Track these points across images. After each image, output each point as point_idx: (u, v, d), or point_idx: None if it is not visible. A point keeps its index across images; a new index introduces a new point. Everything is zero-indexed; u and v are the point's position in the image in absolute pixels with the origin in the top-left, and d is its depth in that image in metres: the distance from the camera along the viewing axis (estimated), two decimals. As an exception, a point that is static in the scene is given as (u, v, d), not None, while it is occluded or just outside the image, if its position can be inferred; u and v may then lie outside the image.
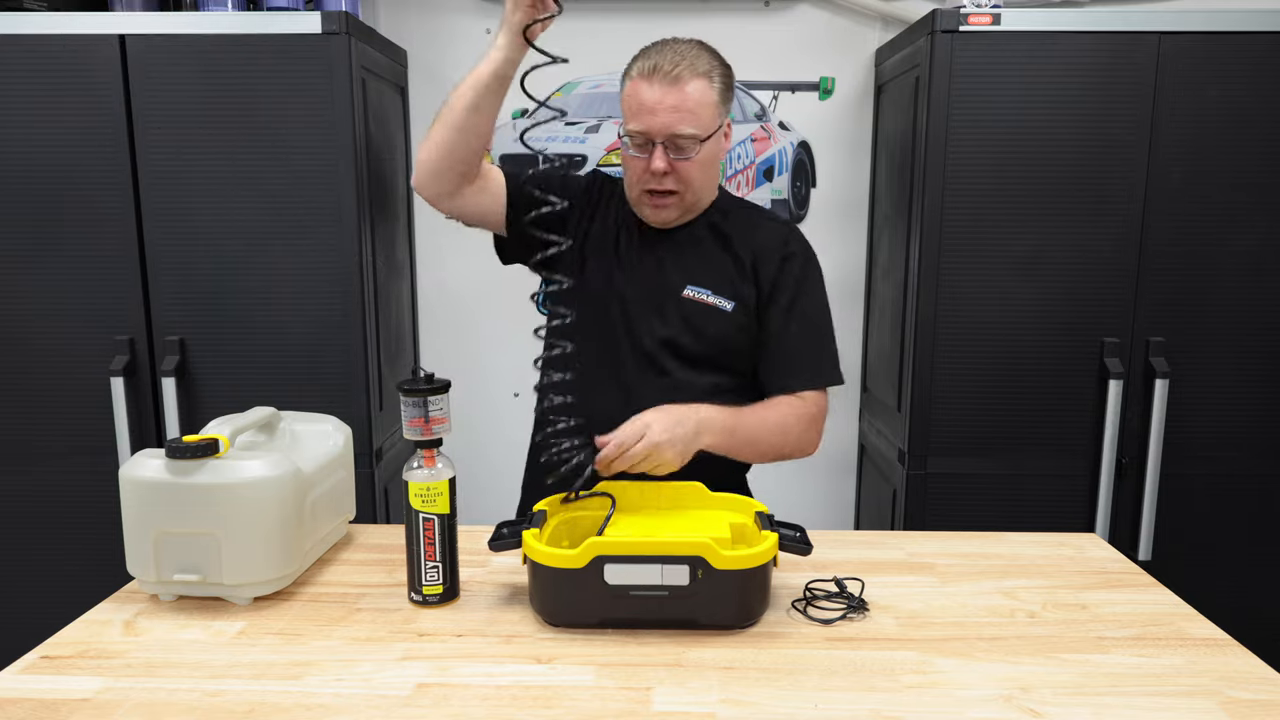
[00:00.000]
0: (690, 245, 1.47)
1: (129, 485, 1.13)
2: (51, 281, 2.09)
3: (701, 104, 1.36)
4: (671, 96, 1.34)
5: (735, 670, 1.00)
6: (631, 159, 1.40)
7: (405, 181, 2.55)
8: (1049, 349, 2.12)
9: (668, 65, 1.35)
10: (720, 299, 1.43)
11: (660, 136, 1.36)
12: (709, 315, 1.43)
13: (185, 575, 1.13)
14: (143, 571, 1.15)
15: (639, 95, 1.36)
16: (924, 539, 1.40)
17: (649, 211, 1.43)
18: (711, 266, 1.45)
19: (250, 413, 1.26)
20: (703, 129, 1.37)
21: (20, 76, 2.02)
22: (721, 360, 1.45)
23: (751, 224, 1.49)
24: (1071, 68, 2.02)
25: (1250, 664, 1.02)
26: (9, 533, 2.19)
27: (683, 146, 1.37)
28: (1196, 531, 2.18)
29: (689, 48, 1.39)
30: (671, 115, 1.35)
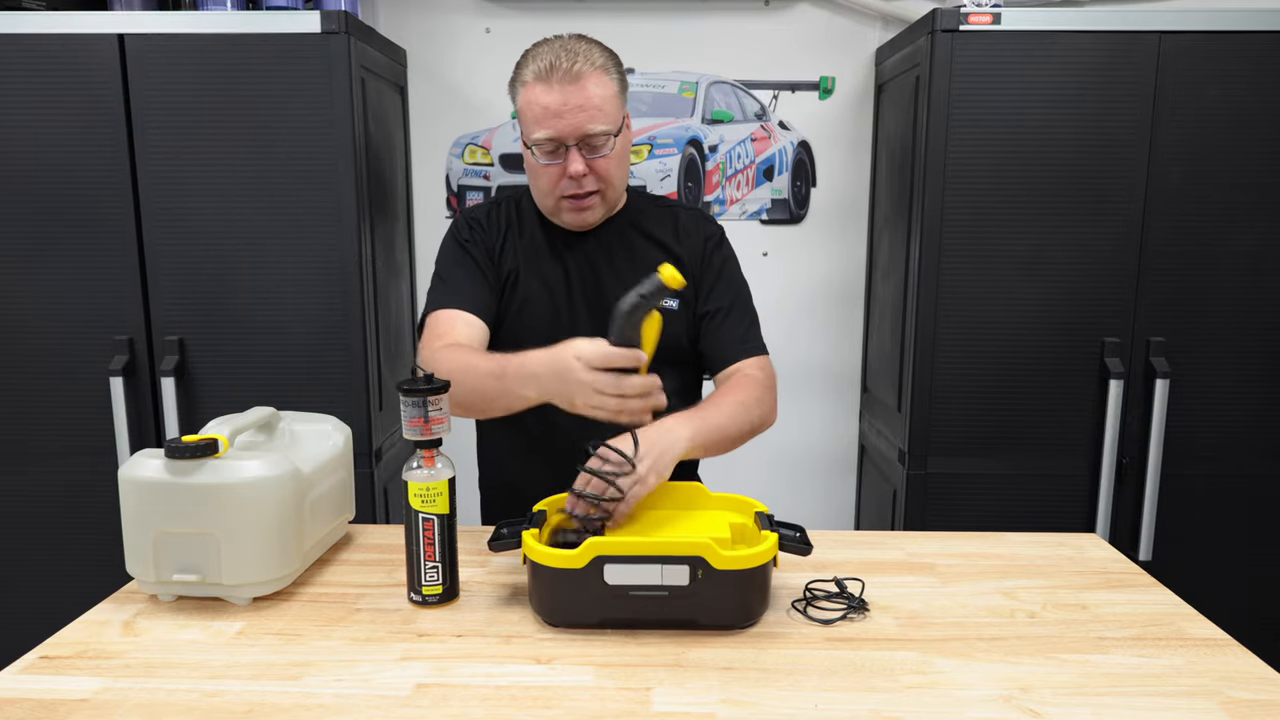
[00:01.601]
0: (620, 248, 1.45)
1: (128, 485, 1.13)
2: (51, 281, 2.09)
3: (606, 99, 1.33)
4: (575, 96, 1.30)
5: (735, 670, 1.00)
6: (542, 168, 1.36)
7: (405, 181, 2.55)
8: (1049, 349, 2.12)
9: (565, 63, 1.30)
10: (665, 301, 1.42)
11: (572, 139, 1.32)
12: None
13: (184, 575, 1.13)
14: (142, 571, 1.15)
15: (540, 100, 1.31)
16: (924, 539, 1.40)
17: (570, 217, 1.40)
18: (649, 267, 1.40)
19: (249, 413, 1.26)
20: (613, 124, 1.34)
21: (20, 76, 2.02)
22: (675, 360, 1.45)
23: (669, 216, 1.50)
24: (1071, 67, 2.02)
25: (1250, 664, 1.02)
26: (8, 533, 2.19)
27: (596, 145, 1.34)
28: (1196, 531, 2.18)
29: (576, 42, 1.35)
30: (579, 115, 1.31)
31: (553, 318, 1.44)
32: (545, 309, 1.44)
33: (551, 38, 1.37)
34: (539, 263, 1.46)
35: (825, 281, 2.63)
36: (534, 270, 1.45)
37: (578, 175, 1.34)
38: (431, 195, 2.61)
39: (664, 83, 2.53)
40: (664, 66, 2.52)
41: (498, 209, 1.50)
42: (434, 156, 2.59)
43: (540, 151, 1.34)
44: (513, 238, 1.47)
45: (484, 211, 1.50)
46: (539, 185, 1.39)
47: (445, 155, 2.59)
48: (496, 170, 2.58)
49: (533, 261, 1.46)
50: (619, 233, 1.46)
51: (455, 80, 2.56)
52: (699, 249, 1.47)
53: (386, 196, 2.34)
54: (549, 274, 1.45)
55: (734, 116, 2.55)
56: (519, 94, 1.36)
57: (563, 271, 1.45)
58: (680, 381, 1.49)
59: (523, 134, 1.37)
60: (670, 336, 1.41)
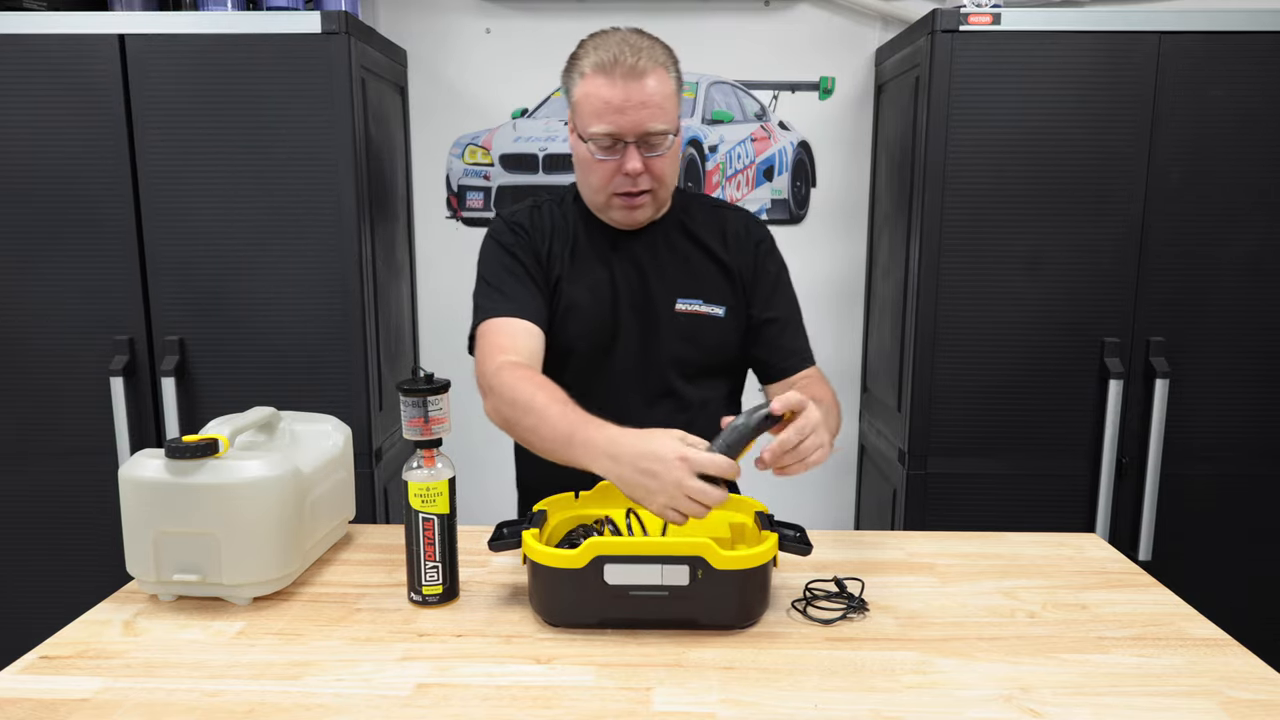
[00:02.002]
0: (667, 251, 1.42)
1: (129, 485, 1.13)
2: (51, 282, 2.09)
3: (667, 96, 1.30)
4: (638, 92, 1.26)
5: (735, 670, 1.00)
6: (597, 163, 1.31)
7: (405, 181, 2.55)
8: (1049, 349, 2.12)
9: (629, 58, 1.26)
10: (712, 307, 1.41)
11: (632, 136, 1.28)
12: (705, 326, 1.40)
13: (185, 575, 1.13)
14: (142, 571, 1.15)
15: (600, 94, 1.27)
16: (924, 539, 1.40)
17: (620, 215, 1.37)
18: (696, 273, 1.42)
19: (250, 413, 1.26)
20: (672, 123, 1.31)
21: (20, 76, 2.02)
22: (719, 368, 1.44)
23: (716, 218, 1.47)
24: (1071, 68, 2.02)
25: (1250, 664, 1.02)
26: (8, 533, 2.19)
27: (655, 144, 1.30)
28: (1196, 531, 2.18)
29: (637, 37, 1.31)
30: (641, 112, 1.27)
31: (598, 321, 1.40)
32: (590, 313, 1.40)
33: (611, 30, 1.33)
34: (584, 265, 1.41)
35: (825, 281, 2.63)
36: (579, 273, 1.41)
37: (634, 173, 1.30)
38: (431, 195, 2.61)
39: (664, 83, 2.53)
40: (664, 66, 2.52)
41: (538, 211, 1.45)
42: (434, 156, 2.59)
43: (597, 146, 1.30)
44: (559, 241, 1.42)
45: (525, 215, 1.44)
46: (591, 180, 1.35)
47: (445, 155, 2.59)
48: (496, 170, 2.58)
49: (577, 264, 1.42)
50: (665, 234, 1.43)
51: (455, 80, 2.56)
52: (750, 254, 1.44)
53: (386, 196, 2.34)
54: (594, 276, 1.41)
55: (734, 117, 2.55)
56: (576, 84, 1.31)
57: (608, 274, 1.41)
58: (727, 388, 1.48)
59: (576, 125, 1.33)
60: (718, 344, 1.42)
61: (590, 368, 1.41)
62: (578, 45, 1.35)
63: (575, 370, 1.41)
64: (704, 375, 1.43)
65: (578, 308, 1.40)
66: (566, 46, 1.29)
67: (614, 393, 1.40)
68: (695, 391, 1.42)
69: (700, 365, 1.42)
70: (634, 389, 1.41)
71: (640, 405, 1.40)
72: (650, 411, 1.40)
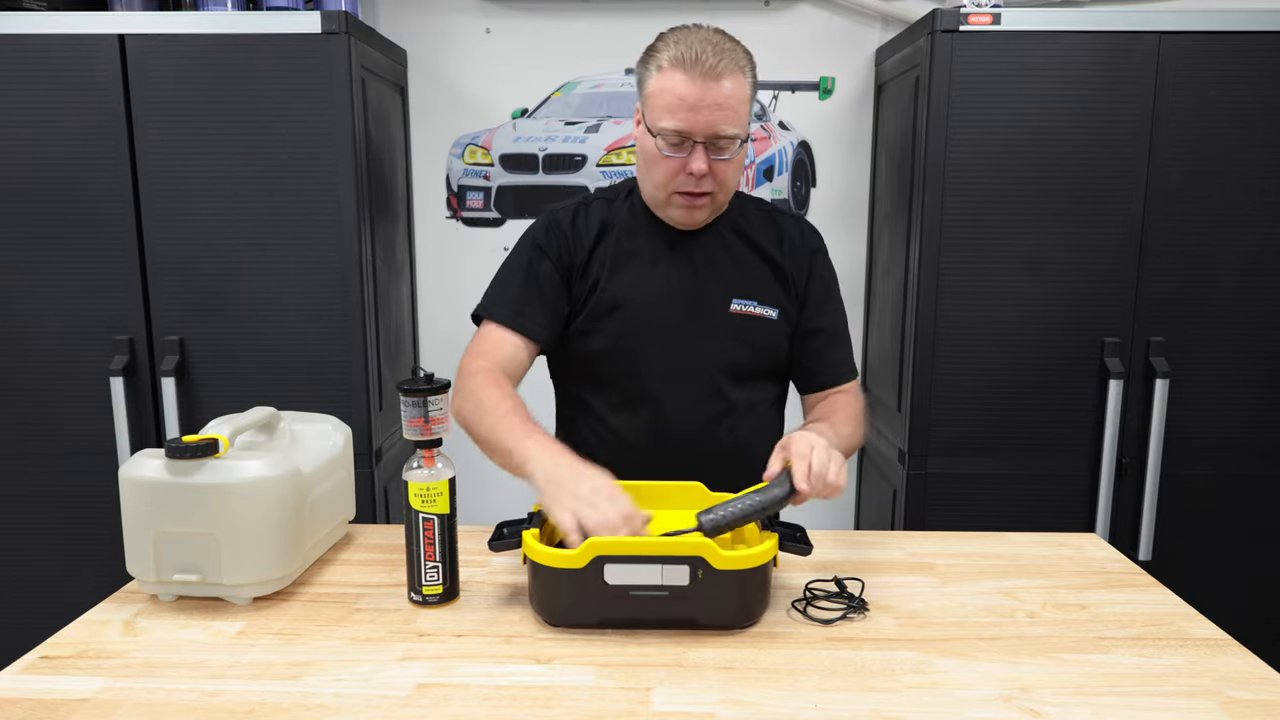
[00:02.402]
0: (722, 251, 1.41)
1: (129, 485, 1.13)
2: (51, 281, 2.09)
3: (742, 101, 1.28)
4: (714, 93, 1.24)
5: (735, 670, 1.00)
6: (663, 159, 1.30)
7: (405, 181, 2.55)
8: (1049, 349, 2.12)
9: (710, 58, 1.24)
10: (766, 309, 1.40)
11: (702, 136, 1.26)
12: (758, 327, 1.40)
13: (185, 575, 1.13)
14: (142, 571, 1.15)
15: (676, 90, 1.25)
16: (924, 539, 1.40)
17: (679, 213, 1.36)
18: (750, 275, 1.41)
19: (250, 413, 1.26)
20: (743, 129, 1.30)
21: (20, 76, 2.02)
22: (768, 371, 1.44)
23: (771, 222, 1.46)
24: (1071, 67, 2.02)
25: (1250, 664, 1.02)
26: (8, 533, 2.19)
27: (723, 147, 1.28)
28: (1196, 531, 2.18)
29: (723, 38, 1.30)
30: (715, 114, 1.25)
31: (648, 318, 1.39)
32: (640, 310, 1.39)
33: (692, 26, 1.31)
34: (635, 263, 1.40)
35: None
36: (629, 271, 1.40)
37: (699, 174, 1.28)
38: (431, 195, 2.61)
39: (664, 83, 2.53)
40: (664, 66, 2.52)
41: (585, 211, 1.43)
42: (434, 156, 2.59)
43: (665, 142, 1.28)
44: (606, 242, 1.41)
45: (568, 215, 1.42)
46: (654, 175, 1.33)
47: (445, 155, 2.59)
48: (496, 170, 2.58)
49: (628, 262, 1.40)
50: (721, 235, 1.42)
51: (455, 80, 2.56)
52: (804, 260, 1.43)
53: (386, 196, 2.34)
54: (646, 274, 1.40)
55: (734, 116, 2.55)
56: (651, 77, 1.29)
57: (662, 272, 1.40)
58: (775, 391, 1.48)
59: (646, 118, 1.31)
60: (770, 346, 1.42)
61: (639, 365, 1.40)
62: (656, 38, 1.33)
63: (623, 367, 1.40)
64: (754, 377, 1.43)
65: (628, 304, 1.39)
66: (567, 46, 1.29)
67: (663, 391, 1.40)
68: (743, 394, 1.42)
69: (751, 367, 1.42)
70: (684, 388, 1.40)
71: (689, 404, 1.39)
72: (697, 411, 1.40)
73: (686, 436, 1.40)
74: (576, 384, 1.46)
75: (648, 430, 1.41)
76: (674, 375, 1.40)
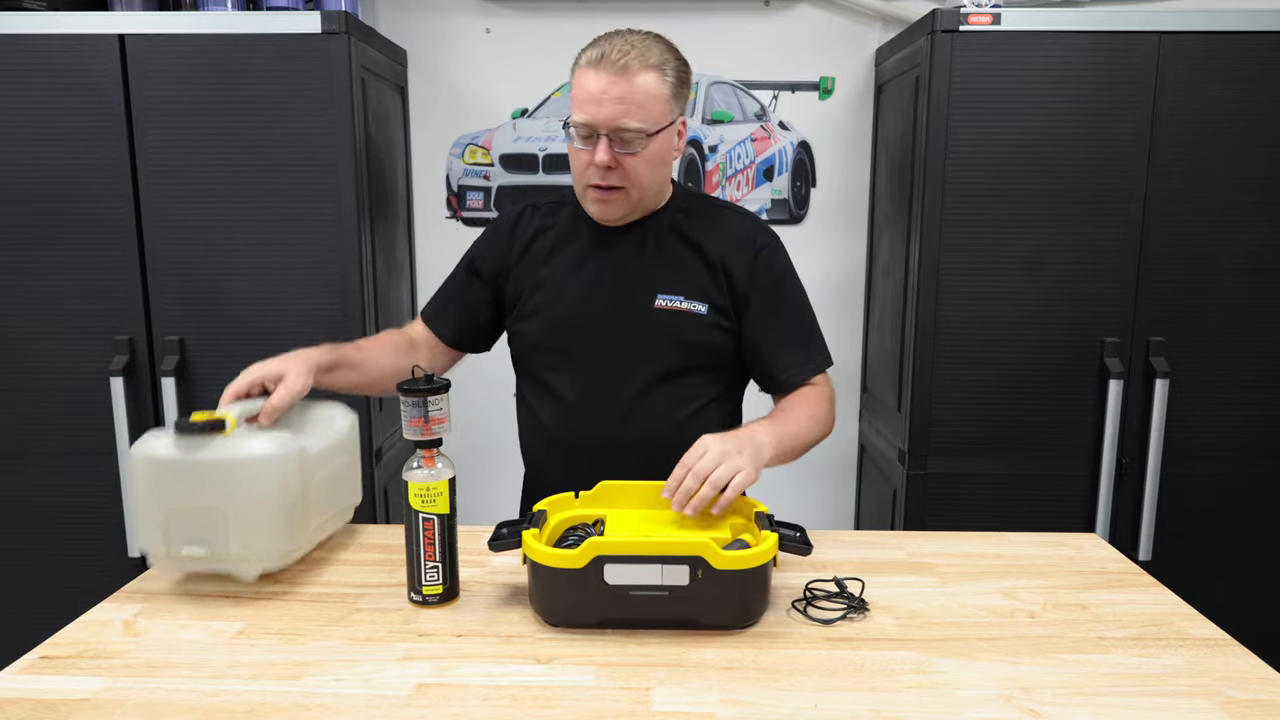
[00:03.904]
0: (654, 249, 1.43)
1: (140, 463, 1.16)
2: (51, 281, 2.09)
3: (651, 96, 1.31)
4: (618, 87, 1.29)
5: (735, 670, 1.00)
6: (576, 151, 1.35)
7: (405, 181, 2.55)
8: (1049, 349, 2.12)
9: (615, 55, 1.29)
10: (693, 303, 1.40)
11: (605, 128, 1.30)
12: (684, 322, 1.40)
13: (193, 549, 1.15)
14: (152, 547, 1.17)
15: (584, 84, 1.31)
16: (924, 539, 1.40)
17: (595, 208, 1.39)
18: (679, 270, 1.42)
19: (258, 399, 1.27)
20: (650, 123, 1.32)
21: (20, 76, 2.02)
22: (703, 366, 1.44)
23: (715, 222, 1.46)
24: (1071, 67, 2.02)
25: (1250, 664, 1.02)
26: (8, 532, 2.19)
27: (628, 140, 1.31)
28: (1196, 531, 2.18)
29: (641, 38, 1.34)
30: (616, 107, 1.29)
31: (572, 317, 1.43)
32: (565, 309, 1.43)
33: (624, 30, 1.36)
34: (567, 263, 1.45)
35: (825, 282, 2.62)
36: (560, 271, 1.45)
37: (601, 165, 1.32)
38: (431, 195, 2.61)
39: (664, 83, 2.53)
40: (664, 66, 2.52)
41: (529, 214, 1.50)
42: (434, 156, 2.59)
43: (576, 134, 1.34)
44: (541, 241, 1.47)
45: (512, 217, 1.51)
46: (574, 168, 1.39)
47: (445, 155, 2.59)
48: (496, 170, 2.58)
49: (561, 262, 1.45)
50: (654, 232, 1.44)
51: (455, 80, 2.56)
52: (747, 260, 1.43)
53: (386, 196, 2.34)
54: (575, 273, 1.44)
55: (734, 117, 2.55)
56: (572, 76, 1.35)
57: (591, 271, 1.43)
58: (718, 389, 1.47)
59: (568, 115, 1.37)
60: (699, 341, 1.42)
61: (567, 360, 1.44)
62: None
63: (561, 366, 1.44)
64: (687, 373, 1.42)
65: (555, 300, 1.44)
66: (566, 46, 1.29)
67: (601, 388, 1.42)
68: (679, 390, 1.42)
69: (681, 363, 1.41)
70: (619, 385, 1.42)
71: (627, 401, 1.41)
72: (638, 406, 1.40)
73: (616, 432, 1.40)
74: (519, 375, 1.53)
75: (576, 424, 1.43)
76: (609, 371, 1.42)
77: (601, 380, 1.42)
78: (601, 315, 1.42)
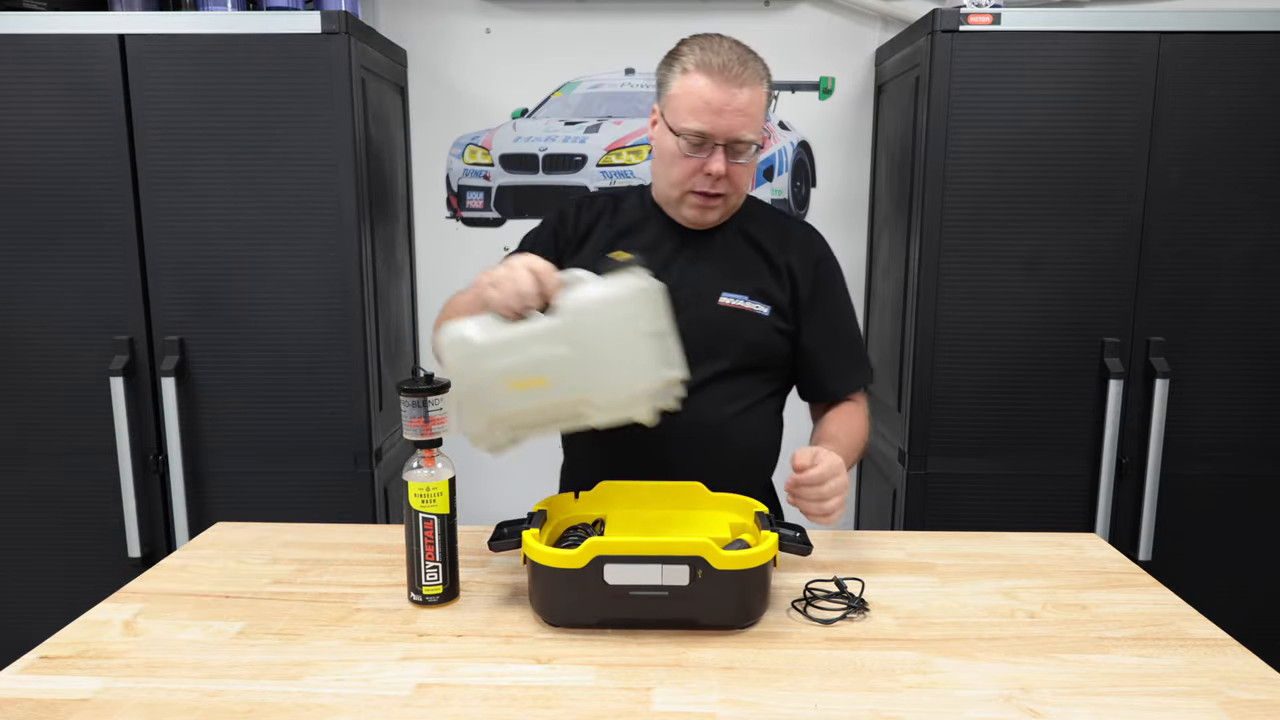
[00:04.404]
0: (721, 249, 1.44)
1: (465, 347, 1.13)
2: (51, 282, 2.09)
3: (761, 109, 1.34)
4: (738, 99, 1.30)
5: (735, 670, 1.00)
6: (682, 158, 1.34)
7: (405, 181, 2.55)
8: (1049, 349, 2.12)
9: (736, 66, 1.30)
10: (756, 304, 1.42)
11: (722, 139, 1.31)
12: (746, 321, 1.42)
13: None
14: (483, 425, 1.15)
15: (702, 93, 1.30)
16: (924, 539, 1.40)
17: (692, 212, 1.39)
18: (745, 271, 1.44)
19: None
20: (759, 136, 1.35)
21: (20, 76, 2.02)
22: (758, 366, 1.45)
23: (778, 228, 1.48)
24: (1071, 68, 2.02)
25: (1250, 664, 1.02)
26: (8, 532, 2.19)
27: (740, 151, 1.33)
28: (1196, 531, 2.18)
29: (744, 49, 1.35)
30: (737, 119, 1.30)
31: None
32: None
33: (714, 35, 1.37)
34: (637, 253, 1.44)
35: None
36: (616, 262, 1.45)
37: (717, 174, 1.33)
38: (431, 195, 2.61)
39: (664, 83, 2.53)
40: (664, 66, 2.52)
41: (591, 200, 1.50)
42: (434, 156, 2.59)
43: (686, 142, 1.33)
44: (602, 233, 1.46)
45: (573, 206, 1.50)
46: (671, 174, 1.37)
47: (445, 155, 2.59)
48: (496, 170, 2.58)
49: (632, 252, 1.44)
50: (724, 233, 1.45)
51: (455, 80, 2.56)
52: (809, 268, 1.46)
53: (386, 196, 2.34)
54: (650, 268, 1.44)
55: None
56: (675, 78, 1.34)
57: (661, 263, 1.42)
58: (768, 390, 1.48)
59: (666, 117, 1.35)
60: (757, 341, 1.43)
61: None
62: (680, 43, 1.38)
63: None
64: (743, 371, 1.43)
65: None
66: (567, 46, 1.30)
67: None
68: (733, 387, 1.42)
69: (736, 362, 1.42)
70: None
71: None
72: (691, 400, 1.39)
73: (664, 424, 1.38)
74: None
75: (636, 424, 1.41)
76: None
77: None
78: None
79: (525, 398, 1.14)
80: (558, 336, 1.11)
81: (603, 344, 1.12)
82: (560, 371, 1.12)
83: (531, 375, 1.12)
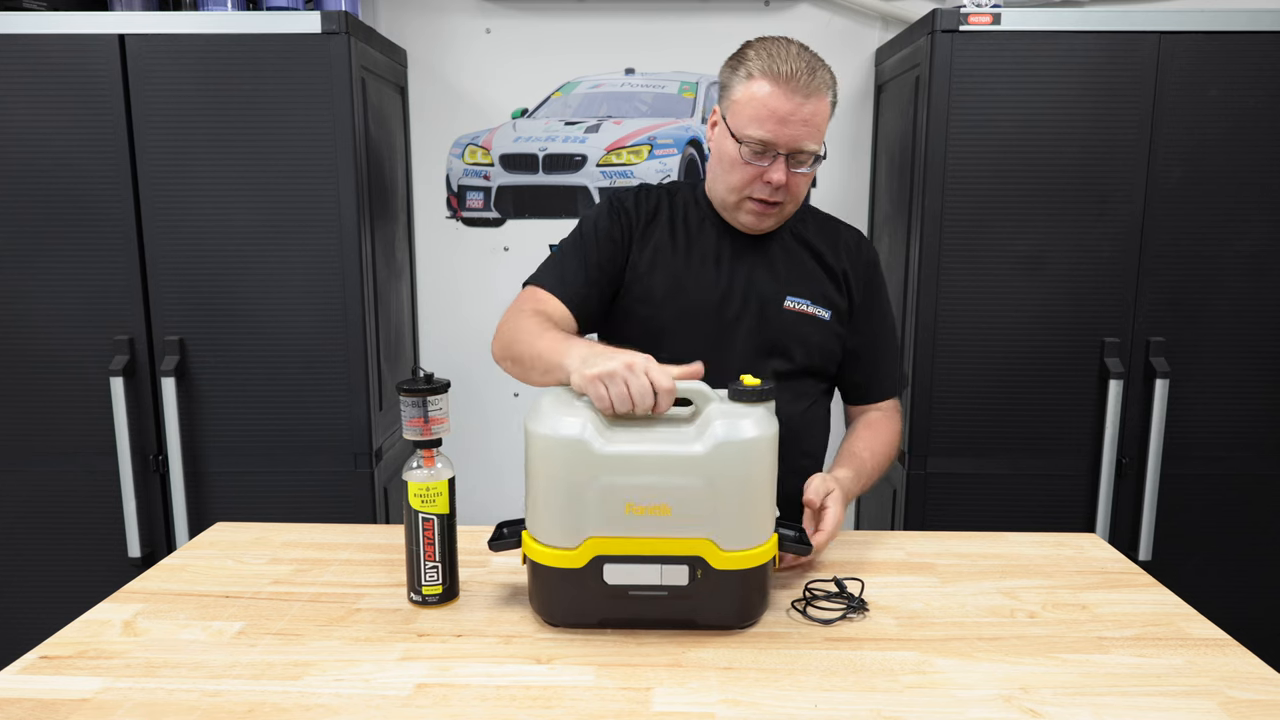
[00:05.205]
0: (781, 254, 1.45)
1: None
2: (51, 281, 2.09)
3: (825, 119, 1.32)
4: (805, 110, 1.28)
5: (735, 670, 1.00)
6: (743, 165, 1.33)
7: (405, 181, 2.55)
8: (1049, 349, 2.12)
9: (804, 75, 1.27)
10: (819, 309, 1.43)
11: (785, 148, 1.30)
12: (809, 325, 1.42)
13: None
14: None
15: (768, 102, 1.28)
16: (924, 539, 1.40)
17: (749, 219, 1.39)
18: (806, 276, 1.44)
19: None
20: (821, 146, 1.33)
21: (20, 76, 2.02)
22: (816, 371, 1.46)
23: (832, 231, 1.49)
24: (1071, 68, 2.02)
25: (1250, 664, 1.02)
26: (8, 532, 2.19)
27: (802, 161, 1.32)
28: (1196, 531, 2.18)
29: (813, 56, 1.32)
30: (801, 129, 1.29)
31: (705, 306, 1.41)
32: (696, 307, 1.41)
33: (781, 38, 1.33)
34: (693, 255, 1.43)
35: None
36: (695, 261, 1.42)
37: (777, 183, 1.31)
38: (431, 195, 2.61)
39: (664, 83, 2.53)
40: (664, 66, 2.52)
41: (646, 193, 1.48)
42: (434, 156, 2.59)
43: (749, 150, 1.31)
44: (660, 224, 1.45)
45: (631, 196, 1.47)
46: (730, 179, 1.36)
47: (445, 155, 2.59)
48: (497, 170, 2.58)
49: (688, 253, 1.43)
50: (780, 237, 1.46)
51: (455, 80, 2.56)
52: (861, 271, 1.47)
53: (386, 196, 2.34)
54: (703, 267, 1.42)
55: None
56: (739, 83, 1.31)
57: (725, 271, 1.42)
58: (819, 391, 1.48)
59: (729, 122, 1.33)
60: (819, 346, 1.44)
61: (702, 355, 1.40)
62: (745, 45, 1.35)
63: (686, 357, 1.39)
64: (802, 375, 1.44)
65: (681, 297, 1.41)
66: (567, 46, 1.30)
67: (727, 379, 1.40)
68: (792, 388, 1.43)
69: (800, 364, 1.43)
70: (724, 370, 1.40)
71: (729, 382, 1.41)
72: None
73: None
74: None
75: None
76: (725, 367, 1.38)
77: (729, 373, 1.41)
78: (729, 315, 1.41)
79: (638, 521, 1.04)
80: (698, 468, 1.02)
81: (741, 482, 1.04)
82: (687, 504, 1.03)
83: (658, 502, 1.03)
